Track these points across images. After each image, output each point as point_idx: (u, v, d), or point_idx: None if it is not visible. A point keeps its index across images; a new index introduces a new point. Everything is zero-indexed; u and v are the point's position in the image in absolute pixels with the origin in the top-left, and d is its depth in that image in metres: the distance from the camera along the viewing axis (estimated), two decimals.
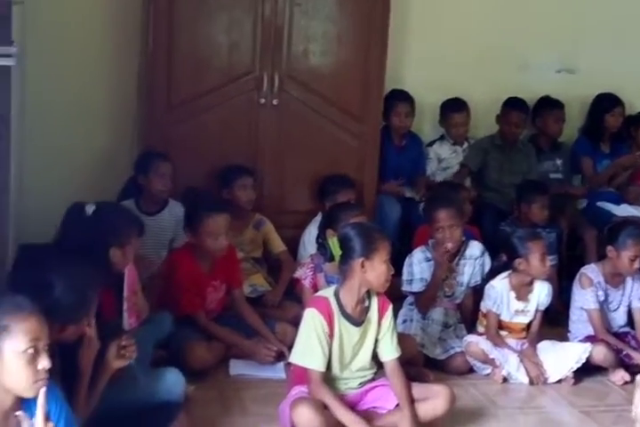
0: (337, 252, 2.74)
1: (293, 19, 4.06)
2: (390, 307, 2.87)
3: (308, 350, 2.72)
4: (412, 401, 2.75)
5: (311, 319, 2.72)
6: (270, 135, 4.11)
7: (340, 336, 2.75)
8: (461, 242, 3.66)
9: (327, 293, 2.82)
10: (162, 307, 3.26)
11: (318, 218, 3.86)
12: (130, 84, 4.24)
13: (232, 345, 3.34)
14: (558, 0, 4.78)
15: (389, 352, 2.82)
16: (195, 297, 3.32)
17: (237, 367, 3.30)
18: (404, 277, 3.64)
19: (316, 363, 2.70)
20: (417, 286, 3.62)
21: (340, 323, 2.75)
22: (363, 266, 2.71)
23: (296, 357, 2.77)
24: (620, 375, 3.42)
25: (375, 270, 2.73)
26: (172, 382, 2.60)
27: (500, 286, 3.49)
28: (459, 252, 3.66)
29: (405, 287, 3.65)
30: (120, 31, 4.20)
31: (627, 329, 3.68)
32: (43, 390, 1.86)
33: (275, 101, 4.06)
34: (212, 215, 3.26)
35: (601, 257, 3.76)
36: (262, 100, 4.05)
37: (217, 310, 3.46)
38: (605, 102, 4.77)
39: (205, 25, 3.99)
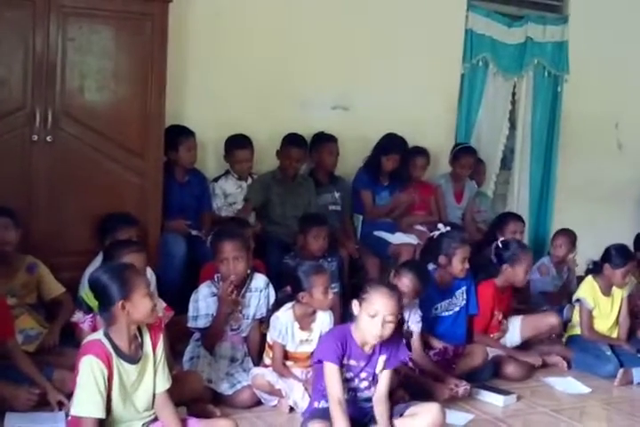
0: (93, 303, 2.70)
1: (67, 54, 3.95)
2: (161, 336, 2.83)
3: (87, 399, 2.62)
4: None
5: (88, 367, 2.63)
6: (45, 173, 3.94)
7: (119, 377, 2.68)
8: (246, 275, 3.69)
9: (97, 335, 2.73)
10: None
11: (99, 258, 3.72)
12: None
13: None
14: (335, 43, 5.04)
15: (160, 384, 2.79)
16: None
17: (13, 420, 3.09)
18: (190, 313, 3.61)
19: (96, 411, 2.63)
20: (202, 322, 3.60)
21: (117, 363, 2.68)
22: (124, 307, 2.67)
23: (76, 408, 2.65)
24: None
25: (137, 307, 2.69)
26: None
27: (285, 316, 3.54)
28: (244, 285, 3.70)
29: (191, 324, 3.61)
30: None
31: None
32: None
33: (49, 138, 3.91)
34: None
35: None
36: (35, 137, 3.88)
37: None
38: (384, 146, 5.02)
39: None
